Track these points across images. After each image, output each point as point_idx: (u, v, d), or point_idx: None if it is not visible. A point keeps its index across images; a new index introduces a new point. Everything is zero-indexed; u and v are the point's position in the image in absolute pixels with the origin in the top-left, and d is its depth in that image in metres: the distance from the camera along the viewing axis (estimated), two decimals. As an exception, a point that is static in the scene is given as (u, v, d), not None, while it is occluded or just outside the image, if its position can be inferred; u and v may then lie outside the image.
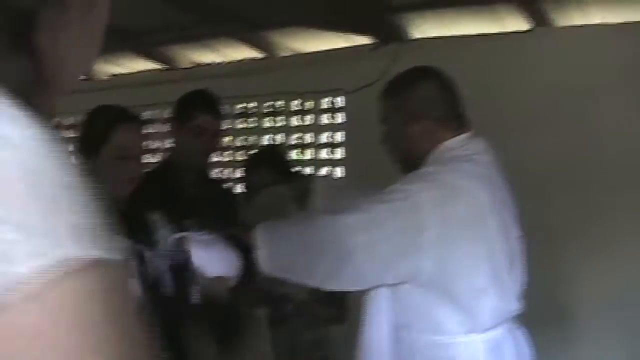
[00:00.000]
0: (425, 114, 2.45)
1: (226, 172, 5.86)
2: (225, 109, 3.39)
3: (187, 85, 5.98)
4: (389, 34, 4.84)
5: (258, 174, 3.30)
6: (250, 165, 3.48)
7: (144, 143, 2.71)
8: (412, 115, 2.47)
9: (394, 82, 2.59)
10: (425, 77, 2.52)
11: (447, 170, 2.32)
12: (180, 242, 2.06)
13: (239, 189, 3.53)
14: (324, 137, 5.51)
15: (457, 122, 2.49)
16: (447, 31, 4.75)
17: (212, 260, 2.07)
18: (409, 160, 2.50)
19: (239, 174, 5.74)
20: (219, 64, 6.06)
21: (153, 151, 6.14)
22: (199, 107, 3.24)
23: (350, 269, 2.17)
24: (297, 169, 4.03)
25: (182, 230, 2.18)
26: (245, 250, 2.10)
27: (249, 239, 2.16)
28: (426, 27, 4.79)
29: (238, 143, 5.95)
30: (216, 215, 3.01)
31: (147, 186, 2.68)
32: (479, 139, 2.49)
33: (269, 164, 3.33)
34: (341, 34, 5.00)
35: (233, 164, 5.78)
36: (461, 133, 2.47)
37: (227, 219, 3.14)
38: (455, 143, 2.43)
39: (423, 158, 2.43)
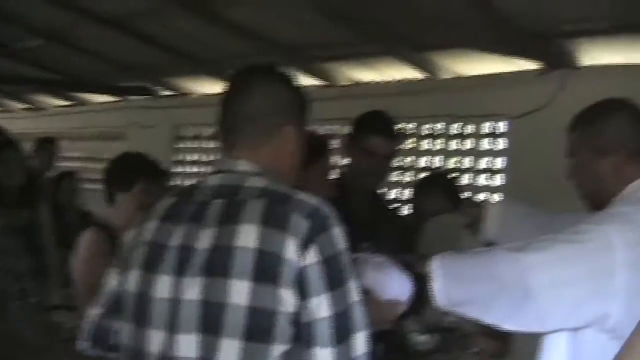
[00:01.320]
0: (617, 149, 2.37)
1: (393, 193, 6.01)
2: (400, 131, 3.46)
3: (345, 102, 6.25)
4: (557, 59, 4.87)
5: (428, 199, 3.30)
6: (420, 189, 3.51)
7: None
8: (602, 149, 2.39)
9: (584, 113, 2.50)
10: (618, 109, 2.44)
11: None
12: (354, 263, 2.13)
13: (405, 210, 3.59)
14: (484, 163, 5.58)
15: None
16: (619, 59, 4.74)
17: (384, 282, 2.15)
18: (597, 197, 2.44)
19: (405, 195, 5.93)
20: (378, 82, 6.25)
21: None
22: (372, 128, 3.29)
23: (533, 310, 2.13)
24: (467, 195, 4.05)
25: (356, 253, 2.28)
26: (418, 279, 2.16)
27: (422, 268, 2.16)
28: (596, 54, 4.79)
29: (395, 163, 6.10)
30: (387, 239, 3.16)
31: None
32: None
33: (440, 189, 3.34)
34: (507, 57, 5.07)
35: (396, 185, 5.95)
36: None
37: (398, 242, 3.23)
38: None
39: (612, 196, 2.37)
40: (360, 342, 1.77)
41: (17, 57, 8.04)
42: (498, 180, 5.48)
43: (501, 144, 5.48)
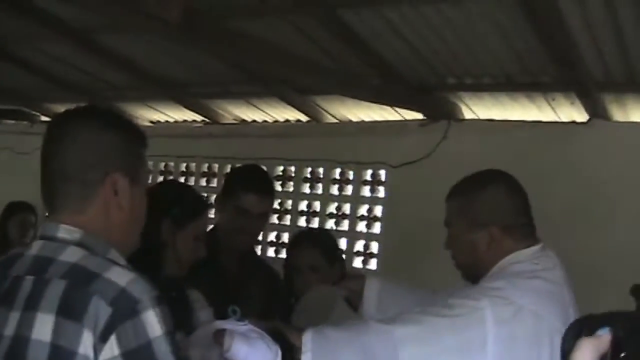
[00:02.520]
0: (491, 222, 2.37)
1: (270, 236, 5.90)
2: (274, 188, 3.32)
3: (228, 140, 6.15)
4: (440, 111, 4.90)
5: (301, 255, 3.24)
6: (294, 245, 3.41)
7: None
8: (475, 221, 2.39)
9: (460, 184, 2.52)
10: (493, 181, 2.46)
11: (513, 287, 2.21)
12: (220, 334, 2.04)
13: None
14: (363, 210, 5.53)
15: (525, 231, 2.41)
16: (500, 114, 4.80)
17: (249, 355, 2.05)
18: (472, 268, 2.43)
19: (282, 239, 5.82)
20: (261, 122, 6.16)
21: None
22: (245, 185, 3.14)
23: None
24: (342, 254, 3.96)
25: (221, 314, 2.19)
26: (287, 348, 2.08)
27: (293, 339, 2.12)
28: (479, 108, 4.85)
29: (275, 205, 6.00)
30: (258, 300, 3.04)
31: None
32: (550, 252, 2.40)
33: (315, 246, 3.25)
34: (391, 106, 5.07)
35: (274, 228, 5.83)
36: (530, 244, 2.38)
37: (270, 303, 3.14)
38: (524, 256, 2.35)
39: (487, 268, 2.36)
40: None
41: None
42: (377, 228, 5.44)
43: (381, 191, 5.45)
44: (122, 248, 1.77)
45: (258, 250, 5.41)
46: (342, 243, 5.34)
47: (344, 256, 3.56)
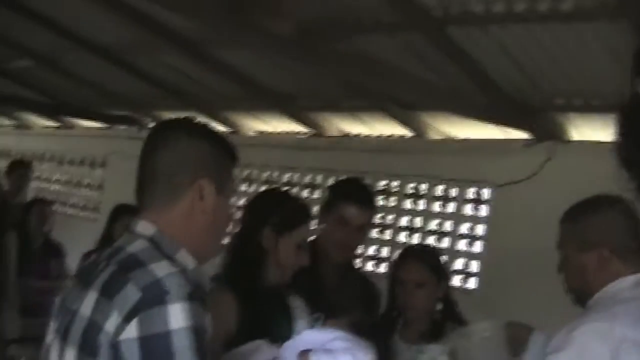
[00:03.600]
0: (603, 241, 2.37)
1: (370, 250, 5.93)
2: (375, 201, 3.34)
3: (332, 153, 6.22)
4: (546, 131, 4.85)
5: (408, 270, 3.20)
6: (402, 259, 3.33)
7: None
8: (588, 241, 2.39)
9: (573, 207, 2.52)
10: (609, 203, 2.43)
11: (618, 317, 2.19)
12: (305, 355, 2.14)
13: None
14: (465, 228, 5.52)
15: (636, 256, 2.38)
16: (608, 136, 4.70)
17: None
18: (580, 291, 2.43)
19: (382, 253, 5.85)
20: (366, 137, 6.21)
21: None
22: (347, 196, 3.18)
23: None
24: (448, 272, 3.98)
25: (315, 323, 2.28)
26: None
27: None
28: (586, 130, 4.77)
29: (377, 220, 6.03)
30: (352, 315, 3.07)
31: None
32: None
33: (422, 261, 3.25)
34: (496, 125, 5.04)
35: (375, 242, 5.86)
36: (638, 271, 2.36)
37: (367, 315, 3.17)
38: (629, 282, 2.33)
39: (593, 292, 2.36)
40: None
41: (6, 76, 7.98)
42: (477, 247, 5.41)
43: (484, 210, 5.42)
44: (199, 252, 1.87)
45: (358, 263, 5.44)
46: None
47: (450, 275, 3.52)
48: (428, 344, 3.06)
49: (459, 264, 5.46)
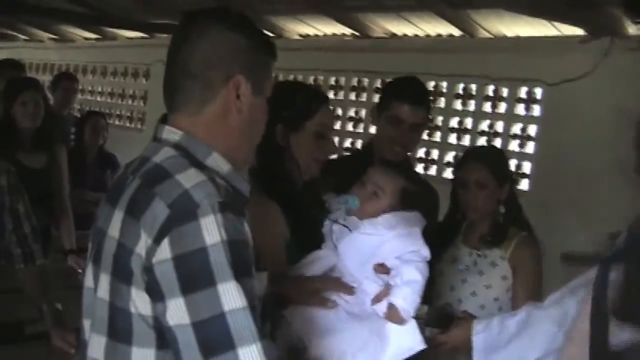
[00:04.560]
0: None
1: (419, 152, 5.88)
2: (430, 99, 3.25)
3: (378, 55, 6.14)
4: (602, 27, 4.70)
5: (470, 170, 3.14)
6: (464, 160, 3.27)
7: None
8: None
9: None
10: None
11: None
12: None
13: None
14: (516, 129, 5.44)
15: None
16: (668, 30, 4.56)
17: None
18: None
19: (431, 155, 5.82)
20: (413, 37, 6.11)
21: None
22: (399, 95, 3.13)
23: None
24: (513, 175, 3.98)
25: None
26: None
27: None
28: (644, 23, 4.61)
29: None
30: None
31: (340, 169, 2.76)
32: None
33: (484, 162, 3.22)
34: (549, 21, 4.91)
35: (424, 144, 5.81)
36: None
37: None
38: None
39: None
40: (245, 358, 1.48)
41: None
42: (530, 147, 5.34)
43: (536, 110, 5.33)
44: (234, 155, 1.73)
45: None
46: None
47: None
48: (490, 248, 3.09)
49: (511, 165, 5.40)
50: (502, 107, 5.54)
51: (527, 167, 5.34)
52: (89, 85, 9.75)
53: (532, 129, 5.35)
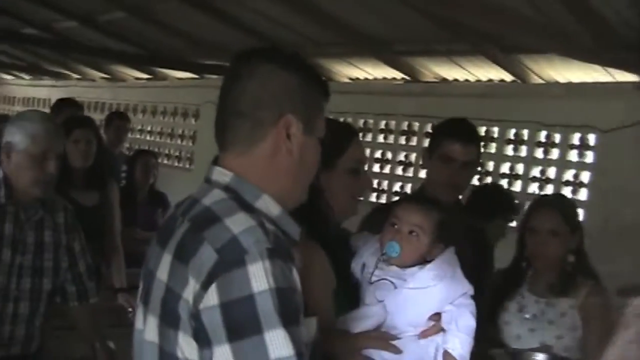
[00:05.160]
0: None
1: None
2: (480, 139, 3.28)
3: (428, 99, 6.16)
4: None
5: (541, 218, 3.13)
6: (536, 207, 3.27)
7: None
8: None
9: None
10: None
11: None
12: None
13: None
14: (569, 175, 5.41)
15: None
16: None
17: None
18: None
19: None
20: (464, 82, 6.13)
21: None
22: (449, 133, 3.15)
23: None
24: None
25: None
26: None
27: None
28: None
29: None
30: (467, 256, 3.06)
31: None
32: None
33: (558, 209, 3.14)
34: (603, 67, 4.90)
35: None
36: None
37: (480, 261, 3.15)
38: None
39: None
40: None
41: (100, 28, 8.15)
42: (583, 194, 5.30)
43: (589, 157, 5.30)
44: (285, 197, 1.69)
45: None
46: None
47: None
48: (558, 297, 3.05)
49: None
50: (555, 153, 5.52)
51: (580, 214, 5.28)
52: (139, 124, 9.91)
53: (585, 176, 5.32)
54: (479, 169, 5.30)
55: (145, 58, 8.72)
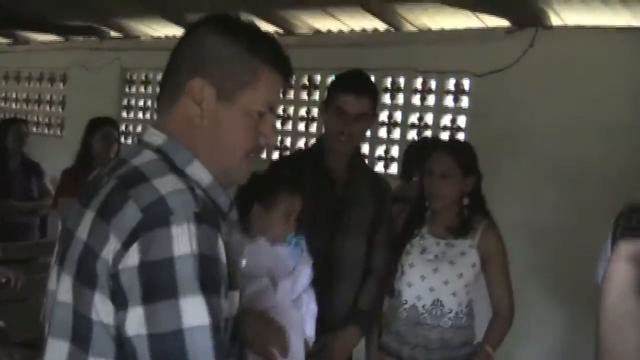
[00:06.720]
0: None
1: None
2: (376, 90, 3.37)
3: (303, 51, 6.19)
4: (527, 18, 4.88)
5: (434, 161, 3.40)
6: (432, 151, 3.54)
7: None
8: None
9: None
10: None
11: None
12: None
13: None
14: (446, 120, 5.61)
15: None
16: (591, 20, 4.75)
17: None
18: None
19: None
20: (339, 32, 6.21)
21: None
22: (343, 86, 3.27)
23: None
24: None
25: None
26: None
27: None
28: (567, 15, 4.80)
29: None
30: (368, 204, 3.31)
31: (292, 166, 3.02)
32: None
33: (450, 153, 3.41)
34: (474, 13, 5.07)
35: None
36: None
37: (374, 207, 3.35)
38: None
39: None
40: None
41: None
42: (460, 138, 5.49)
43: (465, 101, 5.50)
44: (216, 169, 1.66)
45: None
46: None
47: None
48: (457, 238, 3.33)
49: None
50: (431, 100, 5.71)
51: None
52: (2, 92, 9.60)
53: (462, 120, 5.53)
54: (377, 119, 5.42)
55: (5, 20, 8.42)
